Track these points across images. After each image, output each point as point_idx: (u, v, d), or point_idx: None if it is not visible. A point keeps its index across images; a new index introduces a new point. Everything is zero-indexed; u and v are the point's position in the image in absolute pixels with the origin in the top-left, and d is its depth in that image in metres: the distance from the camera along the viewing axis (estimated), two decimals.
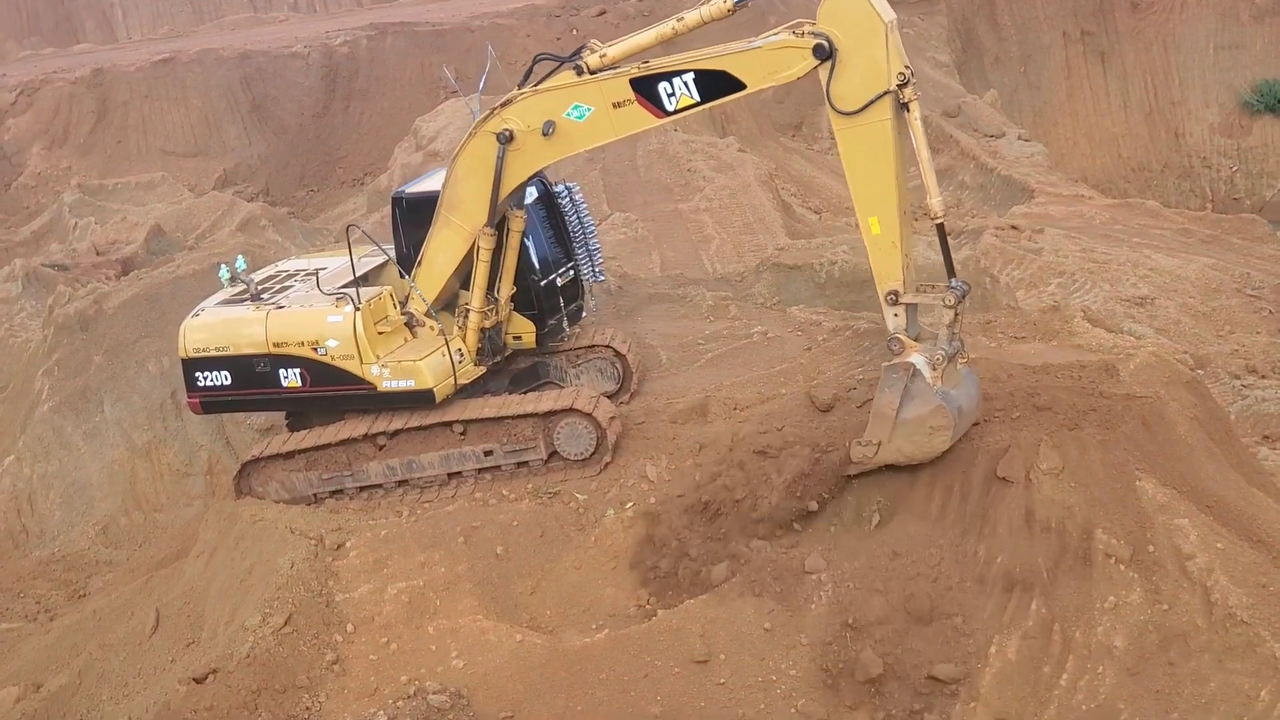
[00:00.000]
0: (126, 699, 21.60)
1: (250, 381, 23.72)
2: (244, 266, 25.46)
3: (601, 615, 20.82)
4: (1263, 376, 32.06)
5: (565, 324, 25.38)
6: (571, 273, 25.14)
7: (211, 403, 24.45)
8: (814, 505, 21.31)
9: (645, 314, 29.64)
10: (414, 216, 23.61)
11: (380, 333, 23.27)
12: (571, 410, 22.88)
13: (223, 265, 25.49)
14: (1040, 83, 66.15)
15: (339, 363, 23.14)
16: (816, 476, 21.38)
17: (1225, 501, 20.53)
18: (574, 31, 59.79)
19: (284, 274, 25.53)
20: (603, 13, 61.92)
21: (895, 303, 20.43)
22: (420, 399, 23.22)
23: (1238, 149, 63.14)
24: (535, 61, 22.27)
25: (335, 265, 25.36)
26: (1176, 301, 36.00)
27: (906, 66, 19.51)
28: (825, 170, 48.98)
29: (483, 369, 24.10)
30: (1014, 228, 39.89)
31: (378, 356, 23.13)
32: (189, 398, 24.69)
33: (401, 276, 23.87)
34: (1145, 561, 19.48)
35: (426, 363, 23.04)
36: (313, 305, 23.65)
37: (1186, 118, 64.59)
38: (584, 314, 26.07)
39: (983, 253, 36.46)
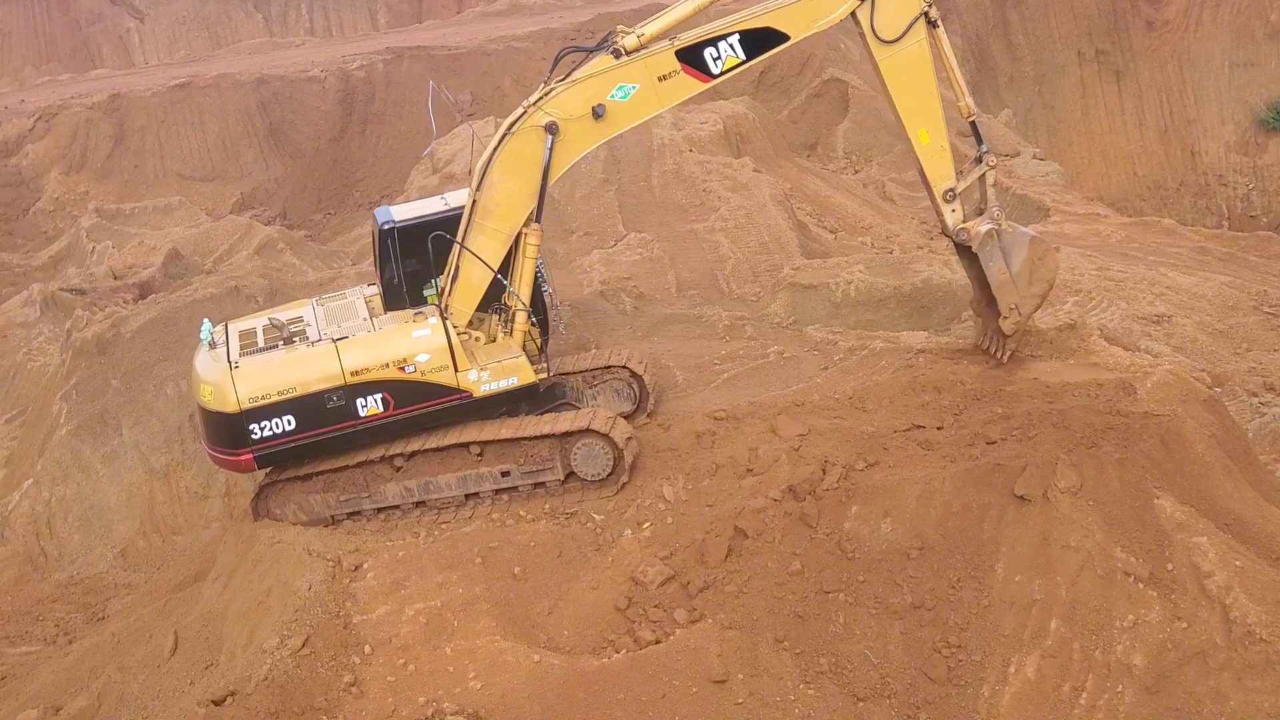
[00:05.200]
0: None
1: (320, 420, 22.77)
2: (211, 328, 24.27)
3: (618, 634, 20.80)
4: None
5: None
6: None
7: (270, 454, 23.02)
8: None
9: (661, 334, 29.66)
10: (408, 245, 23.56)
11: None
12: (588, 431, 22.90)
13: (204, 328, 24.18)
14: (1055, 102, 66.15)
15: (431, 376, 22.90)
16: None
17: (1243, 519, 20.52)
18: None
19: (278, 322, 24.10)
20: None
21: (953, 198, 23.93)
22: (523, 395, 23.50)
23: (1254, 166, 63.04)
24: (560, 56, 23.17)
25: (308, 312, 24.74)
26: (1193, 319, 35.93)
27: None
28: (840, 190, 48.95)
29: (546, 365, 24.30)
30: None
31: (470, 363, 23.12)
32: (239, 455, 22.93)
33: (386, 309, 23.88)
34: (1164, 580, 19.48)
35: (525, 359, 23.26)
36: (383, 327, 23.45)
37: (1202, 135, 64.52)
38: None
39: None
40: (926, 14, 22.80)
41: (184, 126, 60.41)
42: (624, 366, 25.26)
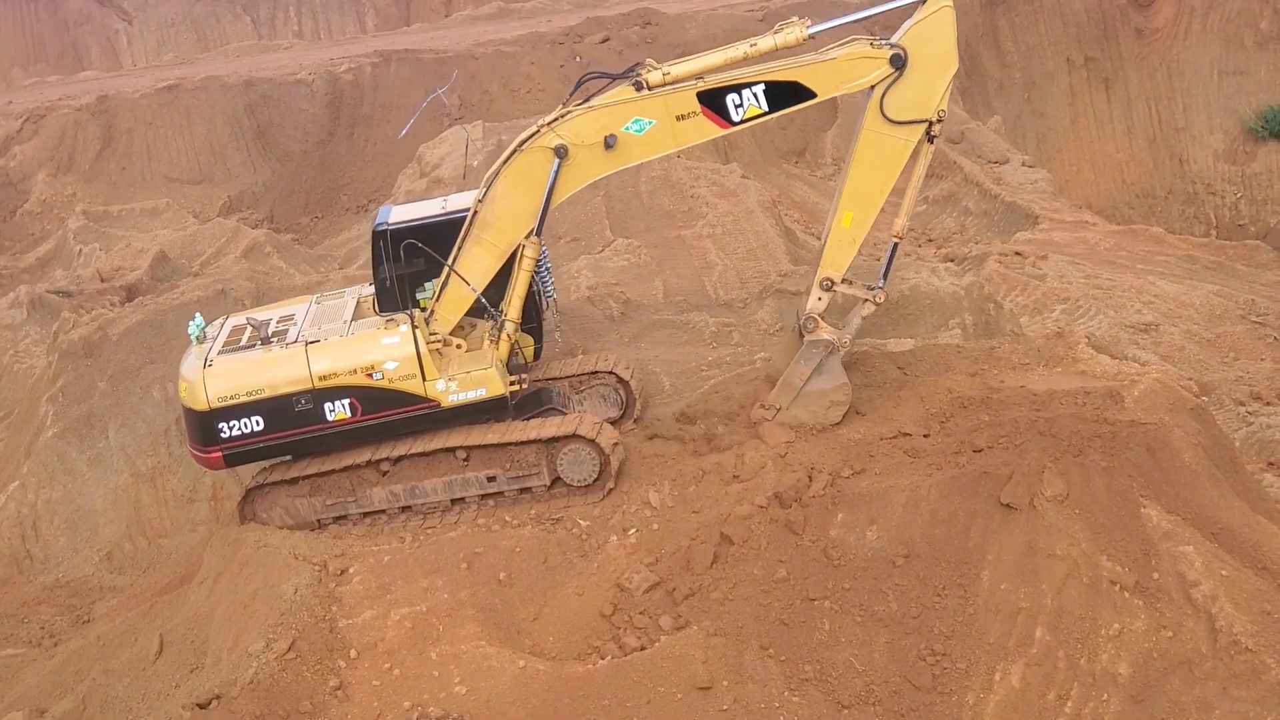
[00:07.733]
0: None
1: (288, 422, 22.87)
2: (202, 323, 24.39)
3: (603, 641, 20.77)
4: (1267, 403, 32.06)
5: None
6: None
7: (238, 453, 23.23)
8: None
9: (648, 340, 29.63)
10: (399, 249, 23.52)
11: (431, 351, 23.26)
12: (575, 436, 22.87)
13: (191, 323, 24.34)
14: (1044, 109, 66.17)
15: (398, 384, 22.86)
16: None
17: (1230, 528, 20.53)
18: (577, 59, 59.81)
19: (256, 322, 24.15)
20: (606, 39, 61.86)
21: (829, 289, 23.28)
22: (492, 407, 23.33)
23: (1242, 175, 63.11)
24: (582, 80, 22.98)
25: (302, 311, 24.77)
26: (1181, 328, 36.01)
27: (944, 109, 22.10)
28: (828, 197, 48.86)
29: (526, 377, 24.17)
30: (1018, 254, 39.96)
31: (439, 372, 23.06)
32: (207, 452, 23.17)
33: (378, 312, 23.79)
34: (1150, 588, 19.48)
35: (497, 370, 23.11)
36: (355, 332, 23.37)
37: (1191, 144, 64.59)
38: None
39: (986, 279, 36.46)
40: (930, 125, 22.20)
41: (172, 129, 60.33)
42: (611, 372, 25.24)
